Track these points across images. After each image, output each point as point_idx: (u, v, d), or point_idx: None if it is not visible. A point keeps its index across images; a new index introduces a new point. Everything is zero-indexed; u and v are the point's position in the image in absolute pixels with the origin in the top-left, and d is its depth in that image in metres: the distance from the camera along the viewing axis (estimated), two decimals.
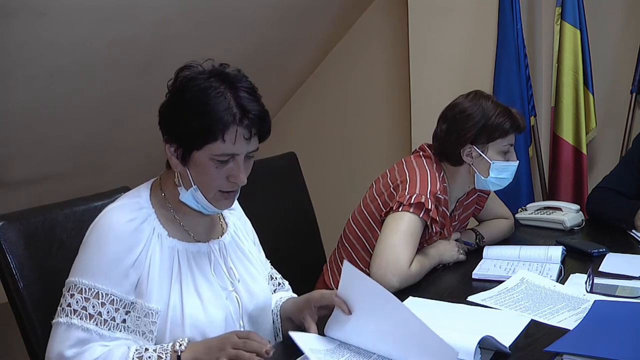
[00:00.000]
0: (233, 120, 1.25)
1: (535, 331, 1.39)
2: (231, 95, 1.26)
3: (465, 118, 1.87)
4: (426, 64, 3.22)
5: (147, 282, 1.28)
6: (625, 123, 2.88)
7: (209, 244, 1.39)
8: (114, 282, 1.25)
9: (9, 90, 2.58)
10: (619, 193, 2.23)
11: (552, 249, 1.88)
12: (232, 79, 1.28)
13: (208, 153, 1.27)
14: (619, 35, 2.97)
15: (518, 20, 2.82)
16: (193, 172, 1.30)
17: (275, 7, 3.14)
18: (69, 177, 3.19)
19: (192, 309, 1.30)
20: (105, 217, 1.30)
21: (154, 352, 1.23)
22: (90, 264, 1.26)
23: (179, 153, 1.30)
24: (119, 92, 2.92)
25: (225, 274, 1.39)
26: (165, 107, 1.31)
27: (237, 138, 1.26)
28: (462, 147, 1.87)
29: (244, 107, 1.26)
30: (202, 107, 1.24)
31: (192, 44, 2.85)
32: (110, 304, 1.25)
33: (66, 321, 1.24)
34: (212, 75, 1.27)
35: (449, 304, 1.57)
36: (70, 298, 1.25)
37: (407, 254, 1.71)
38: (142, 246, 1.29)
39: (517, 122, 1.88)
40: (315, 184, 2.69)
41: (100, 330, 1.24)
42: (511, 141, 1.89)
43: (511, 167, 1.90)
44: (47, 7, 2.32)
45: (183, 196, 1.33)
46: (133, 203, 1.32)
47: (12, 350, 2.10)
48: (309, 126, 4.01)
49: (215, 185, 1.31)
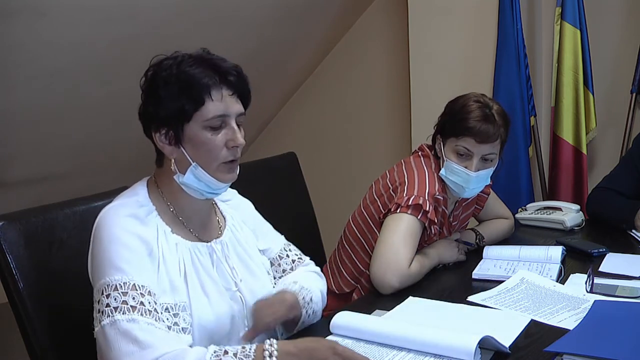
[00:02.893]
0: (214, 82, 1.27)
1: (535, 331, 1.38)
2: (205, 63, 1.28)
3: (444, 108, 1.91)
4: (426, 64, 3.22)
5: (168, 277, 1.25)
6: (625, 123, 2.88)
7: (211, 244, 1.37)
8: (143, 273, 1.20)
9: (9, 90, 2.58)
10: (619, 193, 2.23)
11: (552, 249, 1.87)
12: (200, 54, 1.31)
13: (199, 122, 1.26)
14: (619, 35, 2.97)
15: (518, 20, 2.82)
16: (189, 149, 1.28)
17: (275, 7, 3.14)
18: (69, 177, 3.20)
19: (200, 310, 1.27)
20: (108, 214, 1.26)
21: (234, 356, 1.15)
22: (114, 259, 1.20)
23: (170, 135, 1.28)
24: (119, 92, 2.91)
25: (228, 274, 1.37)
26: (144, 97, 1.31)
27: (223, 96, 1.27)
28: (435, 137, 1.91)
29: (220, 68, 1.28)
30: (182, 76, 1.26)
31: (192, 44, 2.84)
32: (148, 295, 1.18)
33: (109, 321, 1.15)
34: (179, 55, 1.31)
35: (449, 304, 1.57)
36: (107, 299, 1.17)
37: (407, 253, 1.71)
38: (152, 239, 1.26)
39: (477, 129, 1.77)
40: (315, 184, 2.69)
41: (147, 319, 1.15)
42: (469, 146, 1.79)
43: (461, 172, 1.81)
44: (47, 7, 2.32)
45: (183, 179, 1.29)
46: (132, 201, 1.29)
47: (12, 350, 2.10)
48: (309, 126, 4.01)
49: (215, 155, 1.28)
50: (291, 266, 1.56)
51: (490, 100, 1.87)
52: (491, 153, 1.82)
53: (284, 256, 1.56)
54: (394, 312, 1.53)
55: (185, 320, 1.24)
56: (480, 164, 1.82)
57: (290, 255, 1.57)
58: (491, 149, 1.82)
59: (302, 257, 1.60)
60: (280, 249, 1.57)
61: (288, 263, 1.56)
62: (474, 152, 1.81)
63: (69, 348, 1.38)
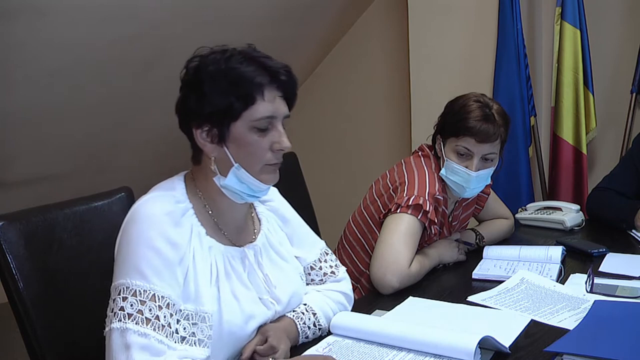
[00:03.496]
0: (267, 81, 1.21)
1: (535, 331, 1.38)
2: (255, 61, 1.22)
3: (444, 109, 1.91)
4: (426, 64, 3.22)
5: (195, 284, 1.20)
6: (625, 123, 2.88)
7: (244, 249, 1.32)
8: (167, 283, 1.15)
9: (9, 90, 2.58)
10: (618, 193, 2.23)
11: (552, 249, 1.88)
12: (249, 51, 1.25)
13: (247, 121, 1.21)
14: (619, 35, 2.97)
15: (518, 20, 2.82)
16: (233, 149, 1.22)
17: (275, 7, 3.14)
18: (69, 177, 3.19)
19: (231, 316, 1.23)
20: (143, 209, 1.19)
21: None
22: (139, 263, 1.14)
23: (213, 133, 1.22)
24: (119, 92, 2.92)
25: (260, 280, 1.32)
26: (186, 91, 1.23)
27: (274, 97, 1.23)
28: (435, 136, 1.92)
29: (271, 67, 1.22)
30: (231, 72, 1.19)
31: (192, 44, 2.84)
32: (166, 308, 1.14)
33: (120, 326, 1.11)
34: (227, 50, 1.24)
35: (449, 304, 1.57)
36: (123, 301, 1.12)
37: (407, 254, 1.71)
38: (185, 243, 1.20)
39: (477, 129, 1.77)
40: (315, 184, 2.69)
41: (158, 335, 1.11)
42: (469, 146, 1.80)
43: (461, 172, 1.81)
44: (47, 7, 2.32)
45: (225, 181, 1.24)
46: (169, 196, 1.24)
47: (12, 350, 2.10)
48: (309, 126, 4.01)
49: (259, 157, 1.23)
50: (322, 278, 1.49)
51: (490, 100, 1.87)
52: (491, 153, 1.83)
53: (316, 268, 1.49)
54: (394, 312, 1.53)
55: (204, 332, 1.19)
56: (481, 163, 1.82)
57: (324, 268, 1.50)
58: (491, 148, 1.82)
59: (335, 271, 1.51)
60: (315, 259, 1.49)
61: (319, 275, 1.49)
62: (474, 152, 1.81)
63: (69, 348, 1.38)
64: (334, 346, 1.32)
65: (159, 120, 3.14)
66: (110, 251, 1.34)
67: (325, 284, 1.49)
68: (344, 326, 1.37)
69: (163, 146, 3.36)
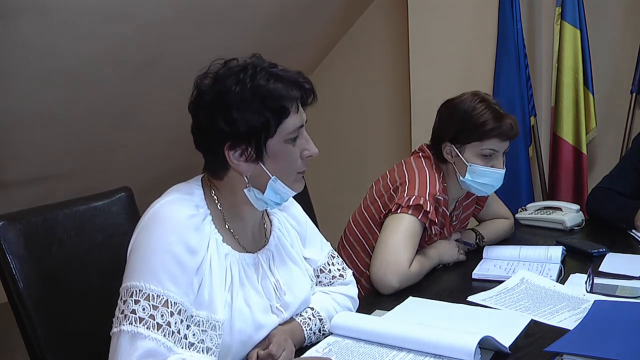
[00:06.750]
0: (296, 94, 1.24)
1: (535, 331, 1.39)
2: (276, 75, 1.23)
3: (448, 115, 1.88)
4: (426, 64, 3.23)
5: (210, 291, 1.19)
6: (625, 123, 2.89)
7: (257, 255, 1.32)
8: (182, 290, 1.14)
9: (9, 90, 2.58)
10: (618, 193, 2.23)
11: (552, 249, 1.88)
12: (264, 65, 1.25)
13: (282, 135, 1.23)
14: (619, 35, 2.97)
15: (518, 20, 2.82)
16: (269, 164, 1.23)
17: (275, 7, 3.14)
18: (69, 177, 3.19)
19: (242, 324, 1.23)
20: (164, 211, 1.19)
21: None
22: (156, 267, 1.13)
23: (249, 152, 1.22)
24: (119, 92, 2.92)
25: (272, 286, 1.32)
26: (211, 114, 1.21)
27: (298, 107, 1.25)
28: (443, 144, 1.88)
29: (292, 78, 1.25)
30: (260, 90, 1.20)
31: (192, 44, 2.85)
32: (178, 314, 1.13)
33: (131, 330, 1.10)
34: (243, 67, 1.24)
35: (449, 304, 1.57)
36: (135, 304, 1.11)
37: (407, 254, 1.71)
38: (203, 249, 1.20)
39: (501, 128, 1.80)
40: (315, 184, 2.69)
41: (167, 342, 1.11)
42: (494, 146, 1.81)
43: (491, 173, 1.82)
44: (47, 7, 2.32)
45: (264, 195, 1.25)
46: (189, 200, 1.23)
47: (12, 350, 2.10)
48: (309, 126, 3.99)
49: (294, 168, 1.26)
50: (330, 281, 1.50)
51: (485, 95, 1.89)
52: (508, 146, 1.87)
53: (325, 270, 1.50)
54: (394, 312, 1.53)
55: (213, 341, 1.19)
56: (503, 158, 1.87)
57: (332, 271, 1.51)
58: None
59: (343, 274, 1.52)
60: (324, 262, 1.50)
61: (327, 278, 1.50)
62: (499, 151, 1.84)
63: (69, 348, 1.38)
64: (334, 346, 1.33)
65: (159, 121, 3.15)
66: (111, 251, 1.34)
67: (333, 286, 1.50)
68: (344, 326, 1.38)
69: (163, 146, 3.36)
